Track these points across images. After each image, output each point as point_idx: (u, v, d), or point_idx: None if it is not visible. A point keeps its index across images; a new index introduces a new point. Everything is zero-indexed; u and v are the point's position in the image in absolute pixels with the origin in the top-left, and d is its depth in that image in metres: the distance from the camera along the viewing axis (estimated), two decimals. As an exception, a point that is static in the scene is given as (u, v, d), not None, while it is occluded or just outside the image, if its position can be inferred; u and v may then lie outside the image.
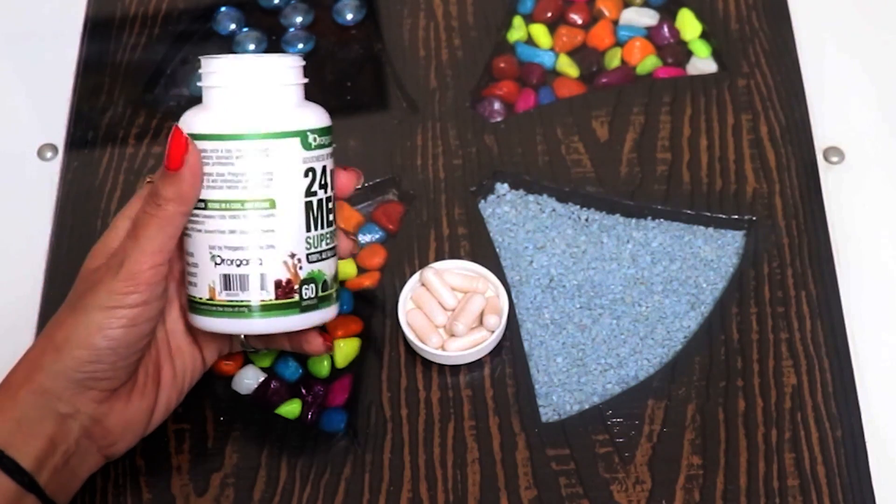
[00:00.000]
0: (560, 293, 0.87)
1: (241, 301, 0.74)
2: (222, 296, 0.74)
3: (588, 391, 0.83)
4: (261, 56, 0.76)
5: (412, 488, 0.79)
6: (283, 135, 0.73)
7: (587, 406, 0.82)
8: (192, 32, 1.00)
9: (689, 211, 0.89)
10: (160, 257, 0.72)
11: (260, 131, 0.73)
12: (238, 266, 0.74)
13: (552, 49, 0.98)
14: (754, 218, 0.89)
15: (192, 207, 0.73)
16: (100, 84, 0.97)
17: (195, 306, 0.76)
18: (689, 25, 0.98)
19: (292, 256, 0.74)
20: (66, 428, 0.73)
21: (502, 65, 0.97)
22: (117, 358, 0.73)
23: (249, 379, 0.84)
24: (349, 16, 1.00)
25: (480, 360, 0.84)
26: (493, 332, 0.83)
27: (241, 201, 0.73)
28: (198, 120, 0.75)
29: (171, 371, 0.78)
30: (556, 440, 0.81)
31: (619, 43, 0.98)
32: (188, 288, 0.76)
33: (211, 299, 0.75)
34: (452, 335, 0.83)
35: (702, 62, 0.97)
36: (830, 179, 0.91)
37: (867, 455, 0.79)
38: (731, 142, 0.92)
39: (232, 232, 0.74)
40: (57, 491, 0.73)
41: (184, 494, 0.80)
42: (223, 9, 1.01)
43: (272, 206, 0.74)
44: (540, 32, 0.99)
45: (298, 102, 0.76)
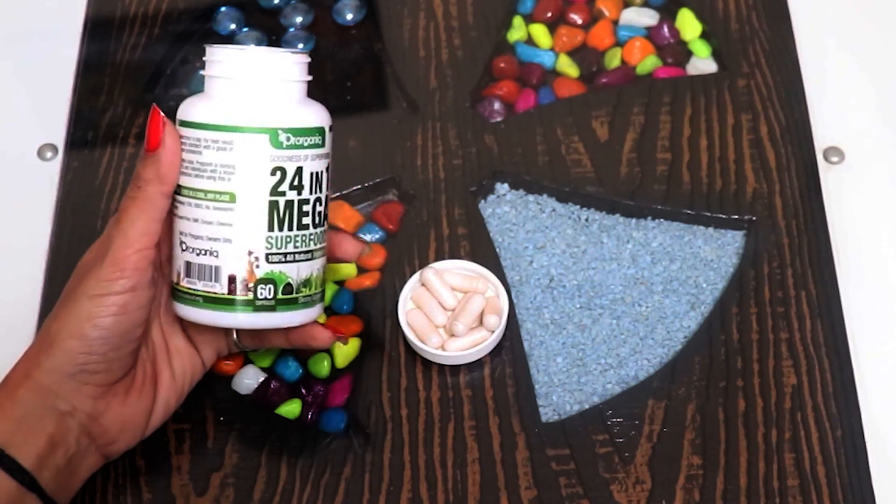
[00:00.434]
0: (560, 293, 0.87)
1: (196, 290, 0.75)
2: (184, 282, 0.75)
3: (588, 391, 0.83)
4: (256, 49, 0.74)
5: (412, 488, 0.79)
6: (249, 130, 0.73)
7: (587, 406, 0.82)
8: (192, 32, 1.00)
9: (689, 211, 0.89)
10: (145, 240, 0.72)
11: (224, 123, 0.73)
12: (197, 255, 0.74)
13: (552, 49, 0.98)
14: (754, 218, 0.89)
15: (173, 188, 0.73)
16: (100, 84, 0.97)
17: (171, 289, 0.77)
18: (689, 25, 0.98)
19: (249, 254, 0.74)
20: (66, 426, 0.73)
21: (502, 65, 0.97)
22: (109, 348, 0.73)
23: (249, 379, 0.84)
24: (349, 16, 1.00)
25: (480, 360, 0.84)
26: (493, 332, 0.83)
27: (204, 191, 0.74)
28: (183, 105, 0.75)
29: (170, 372, 0.78)
30: (556, 440, 0.81)
31: (619, 43, 0.98)
32: None
33: (177, 284, 0.76)
34: (452, 335, 0.83)
35: (702, 62, 0.97)
36: (830, 179, 0.91)
37: (867, 455, 0.79)
38: (731, 142, 0.92)
39: (195, 220, 0.74)
40: (57, 490, 0.73)
41: (184, 494, 0.80)
42: (223, 9, 1.01)
43: (232, 200, 0.73)
44: (540, 32, 0.99)
45: (286, 99, 0.74)
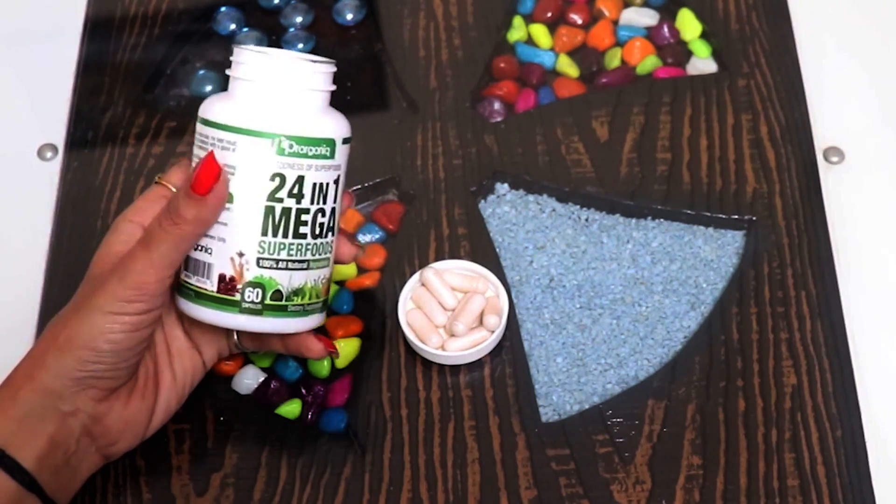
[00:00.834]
0: (560, 293, 0.87)
1: (190, 284, 0.75)
2: (183, 274, 0.76)
3: (588, 391, 0.83)
4: (278, 53, 0.74)
5: (412, 488, 0.79)
6: (253, 133, 0.73)
7: (587, 406, 0.82)
8: (192, 32, 1.00)
9: (689, 211, 0.89)
10: (168, 272, 0.73)
11: (231, 124, 0.73)
12: (195, 250, 0.75)
13: (552, 49, 0.98)
14: (754, 218, 0.89)
15: (208, 230, 0.74)
16: (100, 84, 0.97)
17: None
18: (689, 25, 0.98)
19: (240, 255, 0.74)
20: (67, 427, 0.73)
21: (502, 65, 0.97)
22: (118, 359, 0.73)
23: (249, 379, 0.84)
24: (349, 16, 1.00)
25: (480, 360, 0.84)
26: (493, 332, 0.83)
27: None
28: (205, 101, 0.76)
29: (171, 374, 0.78)
30: (556, 440, 0.81)
31: (619, 43, 0.98)
32: None
33: (180, 275, 0.76)
34: (452, 335, 0.83)
35: (702, 62, 0.97)
36: (830, 179, 0.91)
37: (867, 455, 0.79)
38: (731, 142, 0.92)
39: None
40: (57, 490, 0.74)
41: (184, 494, 0.80)
42: (223, 9, 1.01)
43: (230, 201, 0.74)
44: (540, 32, 0.99)
45: (297, 107, 0.74)
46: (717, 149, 0.92)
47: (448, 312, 0.84)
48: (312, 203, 0.74)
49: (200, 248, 0.75)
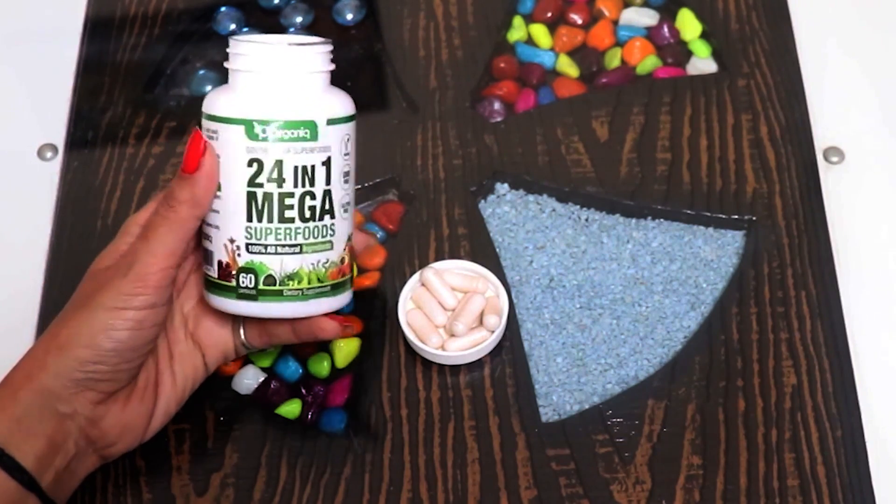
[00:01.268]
0: (560, 293, 0.87)
1: (205, 273, 0.77)
2: (203, 266, 0.77)
3: (588, 391, 0.83)
4: (248, 38, 0.74)
5: (412, 488, 0.79)
6: (228, 120, 0.73)
7: (587, 406, 0.82)
8: (192, 32, 1.00)
9: (689, 211, 0.89)
10: (170, 260, 0.73)
11: (213, 113, 0.74)
12: (203, 238, 0.76)
13: (552, 49, 0.98)
14: (754, 218, 0.89)
15: (206, 212, 0.74)
16: (100, 84, 0.97)
17: None
18: (689, 25, 0.98)
19: (231, 241, 0.74)
20: (65, 428, 0.73)
21: (502, 65, 0.97)
22: (120, 360, 0.73)
23: (249, 379, 0.84)
24: (349, 16, 1.00)
25: (480, 360, 0.84)
26: (493, 332, 0.83)
27: None
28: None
29: (172, 377, 0.78)
30: (556, 440, 0.81)
31: (619, 43, 0.98)
32: None
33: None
34: (452, 335, 0.83)
35: (702, 62, 0.97)
36: (830, 179, 0.91)
37: (867, 455, 0.79)
38: (731, 142, 0.92)
39: None
40: (55, 489, 0.73)
41: (184, 494, 0.80)
42: (223, 9, 1.01)
43: (219, 189, 0.74)
44: (540, 32, 0.99)
45: (270, 90, 0.73)
46: (717, 149, 0.92)
47: (448, 312, 0.84)
48: (297, 186, 0.74)
49: (205, 237, 0.75)
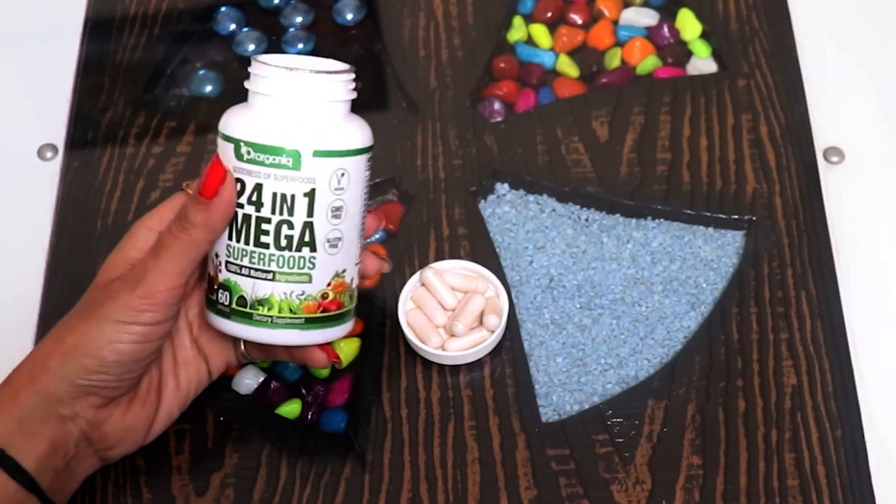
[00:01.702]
0: (560, 293, 0.87)
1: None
2: None
3: (588, 391, 0.83)
4: (270, 59, 0.74)
5: (412, 488, 0.79)
6: (223, 137, 0.74)
7: (587, 406, 0.82)
8: (192, 32, 1.00)
9: (689, 211, 0.89)
10: (179, 280, 0.73)
11: (219, 126, 0.74)
12: None
13: (552, 49, 0.98)
14: (754, 218, 0.89)
15: (219, 236, 0.73)
16: (100, 84, 0.97)
17: None
18: (689, 25, 0.98)
19: (216, 256, 0.75)
20: (66, 431, 0.73)
21: (502, 65, 0.97)
22: (123, 370, 0.73)
23: (249, 379, 0.84)
24: (349, 16, 1.00)
25: (480, 360, 0.84)
26: (493, 332, 0.83)
27: None
28: None
29: (175, 383, 0.78)
30: (556, 440, 0.81)
31: (619, 43, 0.98)
32: None
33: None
34: (452, 335, 0.83)
35: (702, 62, 0.97)
36: (830, 179, 0.91)
37: (867, 455, 0.79)
38: (731, 142, 0.92)
39: None
40: (56, 491, 0.73)
41: (184, 494, 0.80)
42: (223, 9, 1.01)
43: None
44: (540, 32, 0.99)
45: (260, 113, 0.73)
46: (717, 149, 0.92)
47: (448, 312, 0.84)
48: (274, 213, 0.73)
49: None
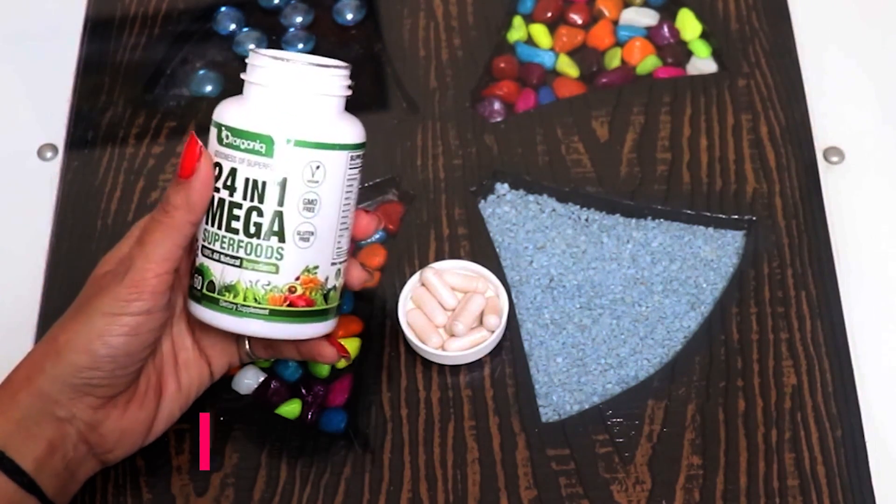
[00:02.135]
0: (560, 293, 0.87)
1: None
2: None
3: (588, 391, 0.83)
4: (281, 54, 0.74)
5: (412, 488, 0.79)
6: (213, 122, 0.74)
7: (587, 406, 0.82)
8: (192, 32, 1.00)
9: (689, 211, 0.89)
10: (166, 265, 0.72)
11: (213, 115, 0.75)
12: None
13: (552, 49, 0.98)
14: (754, 218, 0.89)
15: (201, 217, 0.73)
16: (100, 84, 0.97)
17: None
18: (689, 25, 0.98)
19: (195, 241, 0.75)
20: (64, 432, 0.73)
21: (502, 65, 0.97)
22: (116, 366, 0.73)
23: (249, 379, 0.84)
24: (349, 16, 1.00)
25: (480, 360, 0.84)
26: (493, 332, 0.83)
27: None
28: None
29: (176, 384, 0.78)
30: (556, 440, 0.81)
31: (619, 43, 0.98)
32: None
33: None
34: (452, 335, 0.83)
35: (702, 62, 0.97)
36: (830, 179, 0.91)
37: (867, 455, 0.79)
38: (731, 142, 0.92)
39: None
40: (56, 492, 0.73)
41: (184, 494, 0.80)
42: (223, 9, 1.01)
43: None
44: (540, 32, 0.99)
45: (244, 98, 0.74)
46: (717, 149, 0.92)
47: (448, 312, 0.84)
48: (245, 199, 0.73)
49: None
